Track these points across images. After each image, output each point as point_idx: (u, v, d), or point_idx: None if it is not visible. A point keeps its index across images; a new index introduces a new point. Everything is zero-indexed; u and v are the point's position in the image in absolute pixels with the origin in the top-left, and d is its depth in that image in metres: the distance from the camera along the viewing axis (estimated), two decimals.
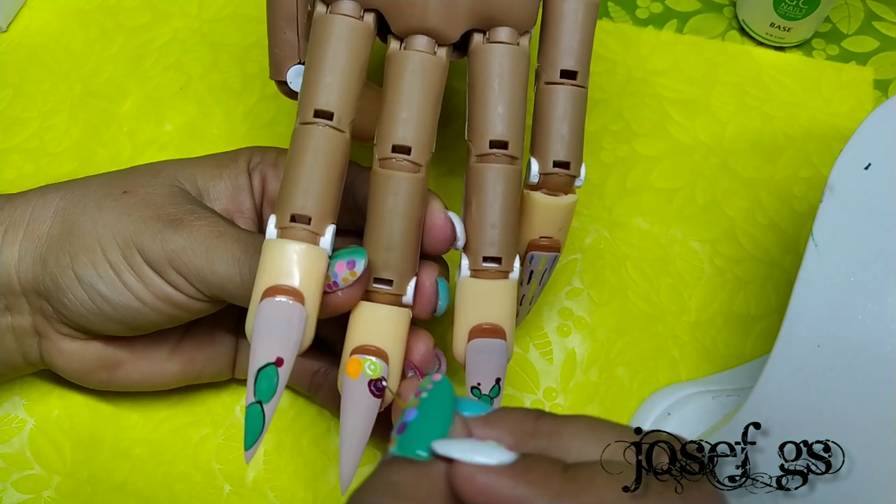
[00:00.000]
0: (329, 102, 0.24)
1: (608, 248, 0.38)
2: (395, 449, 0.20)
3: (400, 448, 0.20)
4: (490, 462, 0.19)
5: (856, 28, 0.44)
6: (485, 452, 0.19)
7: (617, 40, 0.43)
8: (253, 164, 0.32)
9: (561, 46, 0.27)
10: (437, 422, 0.20)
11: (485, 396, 0.27)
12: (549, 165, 0.28)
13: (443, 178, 0.39)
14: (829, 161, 0.29)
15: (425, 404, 0.21)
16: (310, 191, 0.24)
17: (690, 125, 0.41)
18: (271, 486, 0.33)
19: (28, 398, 0.35)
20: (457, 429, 0.20)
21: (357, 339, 0.26)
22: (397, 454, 0.20)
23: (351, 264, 0.24)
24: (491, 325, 0.27)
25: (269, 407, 0.23)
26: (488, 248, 0.27)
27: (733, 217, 0.39)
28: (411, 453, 0.20)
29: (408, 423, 0.21)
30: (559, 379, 0.35)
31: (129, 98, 0.42)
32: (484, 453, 0.19)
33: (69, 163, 0.40)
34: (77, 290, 0.28)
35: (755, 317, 0.36)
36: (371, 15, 0.25)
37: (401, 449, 0.20)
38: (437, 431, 0.20)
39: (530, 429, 0.21)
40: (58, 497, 0.33)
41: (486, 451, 0.19)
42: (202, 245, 0.27)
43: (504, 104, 0.26)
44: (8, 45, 0.43)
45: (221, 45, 0.43)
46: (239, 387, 0.35)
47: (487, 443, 0.20)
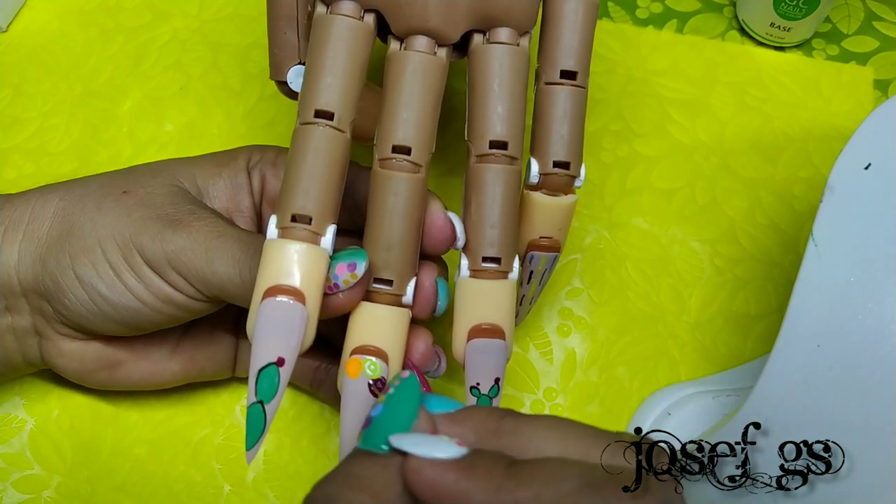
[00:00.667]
0: (329, 103, 0.24)
1: (608, 248, 0.38)
2: (359, 443, 0.21)
3: (364, 442, 0.21)
4: (439, 456, 0.20)
5: (856, 28, 0.44)
6: (435, 447, 0.20)
7: (617, 40, 0.43)
8: (252, 162, 0.32)
9: (561, 47, 0.27)
10: (400, 417, 0.21)
11: (484, 396, 0.27)
12: (548, 166, 0.28)
13: (443, 178, 0.39)
14: (829, 161, 0.29)
15: (391, 400, 0.22)
16: (310, 191, 0.24)
17: (690, 125, 0.41)
18: (271, 486, 0.33)
19: (28, 398, 0.35)
20: (420, 424, 0.21)
21: (357, 339, 0.26)
22: (361, 448, 0.21)
23: (352, 266, 0.24)
24: (490, 325, 0.27)
25: (271, 407, 0.23)
26: (488, 249, 0.27)
27: (733, 217, 0.39)
28: (373, 447, 0.21)
29: (373, 418, 0.21)
30: (559, 379, 0.35)
31: (129, 98, 0.42)
32: (434, 448, 0.20)
33: (69, 163, 0.40)
34: (77, 291, 0.28)
35: (755, 317, 0.36)
36: (371, 15, 0.25)
37: (364, 443, 0.21)
38: (399, 426, 0.21)
39: (494, 427, 0.22)
40: (58, 497, 0.33)
41: (436, 446, 0.20)
42: (202, 245, 0.27)
43: (504, 104, 0.26)
44: (8, 45, 0.43)
45: (221, 45, 0.43)
46: (239, 386, 0.35)
47: (440, 438, 0.21)
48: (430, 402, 0.23)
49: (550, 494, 0.19)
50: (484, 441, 0.21)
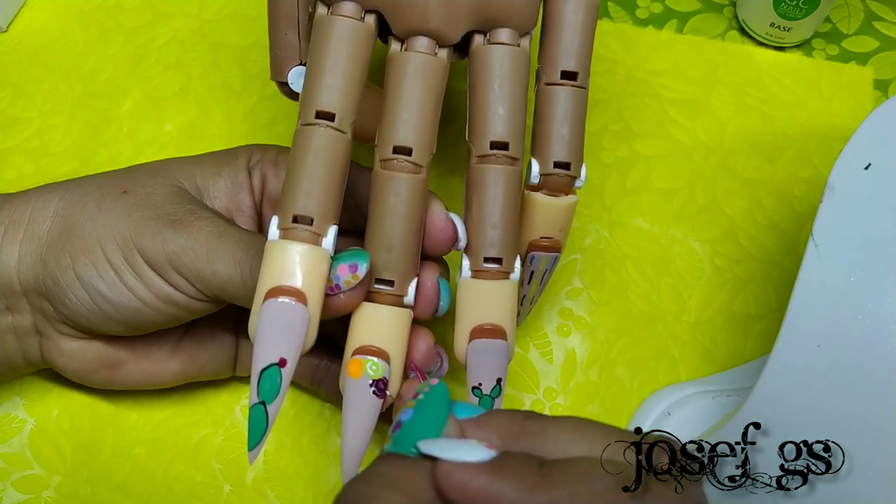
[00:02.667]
0: (330, 103, 0.24)
1: (608, 248, 0.38)
2: (389, 446, 0.22)
3: (394, 445, 0.21)
4: (469, 459, 0.20)
5: (856, 28, 0.44)
6: (465, 450, 0.20)
7: (617, 40, 0.43)
8: (253, 162, 0.32)
9: (561, 47, 0.27)
10: (430, 422, 0.21)
11: (486, 397, 0.27)
12: (549, 166, 0.28)
13: (443, 178, 0.39)
14: (829, 161, 0.29)
15: (421, 405, 0.22)
16: (312, 192, 0.24)
17: (690, 125, 0.41)
18: (271, 486, 0.33)
19: (28, 398, 0.35)
20: (450, 429, 0.21)
21: (358, 339, 0.26)
22: (391, 451, 0.21)
23: (353, 267, 0.24)
24: (492, 325, 0.27)
25: (273, 407, 0.23)
26: (489, 249, 0.27)
27: (733, 217, 0.39)
28: (404, 450, 0.21)
29: (403, 423, 0.22)
30: (559, 379, 0.35)
31: (129, 98, 0.42)
32: (464, 451, 0.20)
33: (69, 163, 0.40)
34: (78, 291, 0.28)
35: (755, 317, 0.36)
36: (372, 16, 0.25)
37: (395, 446, 0.21)
38: (430, 431, 0.21)
39: (518, 430, 0.22)
40: (58, 497, 0.33)
41: (466, 450, 0.20)
42: (202, 246, 0.27)
43: (505, 105, 0.26)
44: (8, 45, 0.43)
45: (221, 45, 0.43)
46: (239, 386, 0.35)
47: (469, 442, 0.21)
48: (456, 408, 0.23)
49: (585, 492, 0.19)
50: (509, 444, 0.21)
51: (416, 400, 0.22)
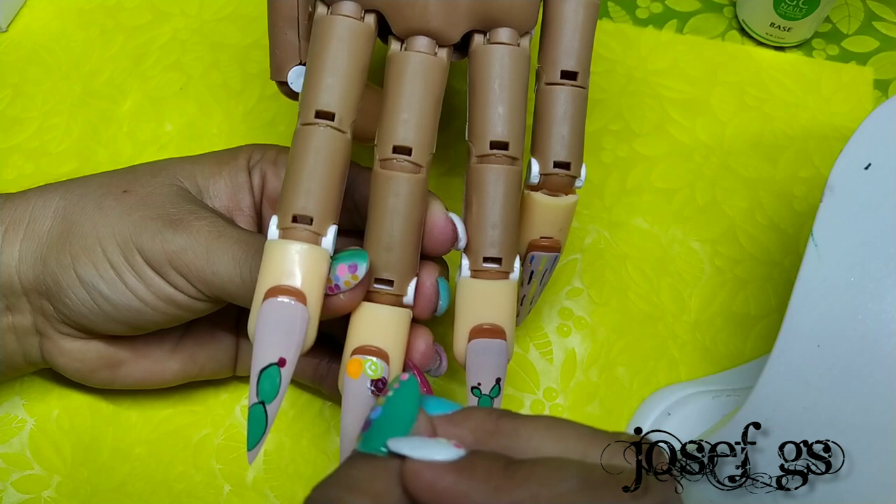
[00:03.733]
0: (330, 103, 0.24)
1: (608, 248, 0.38)
2: (358, 445, 0.21)
3: (363, 445, 0.21)
4: (437, 458, 0.20)
5: (856, 28, 0.44)
6: (433, 449, 0.20)
7: (617, 40, 0.43)
8: (253, 161, 0.32)
9: (561, 47, 0.27)
10: (400, 419, 0.21)
11: (485, 396, 0.27)
12: (549, 166, 0.28)
13: (443, 178, 0.39)
14: (829, 161, 0.29)
15: (390, 402, 0.22)
16: (311, 191, 0.24)
17: (690, 125, 0.41)
18: (271, 486, 0.33)
19: (28, 398, 0.35)
20: (420, 426, 0.21)
21: (358, 339, 0.26)
22: (360, 450, 0.21)
23: (353, 268, 0.24)
24: (491, 325, 0.27)
25: (272, 407, 0.23)
26: (489, 249, 0.27)
27: (733, 217, 0.39)
28: (373, 449, 0.21)
29: (372, 421, 0.21)
30: (559, 379, 0.35)
31: (129, 98, 0.42)
32: (432, 450, 0.20)
33: (69, 163, 0.40)
34: (78, 290, 0.28)
35: (755, 317, 0.36)
36: (372, 16, 0.25)
37: (364, 445, 0.21)
38: (399, 429, 0.21)
39: (492, 428, 0.22)
40: (58, 497, 0.33)
41: (434, 448, 0.20)
42: (202, 246, 0.27)
43: (504, 105, 0.26)
44: (8, 45, 0.43)
45: (221, 45, 0.43)
46: (239, 386, 0.35)
47: (438, 441, 0.21)
48: (428, 403, 0.23)
49: (548, 494, 0.19)
50: (482, 442, 0.21)
51: (385, 397, 0.22)
